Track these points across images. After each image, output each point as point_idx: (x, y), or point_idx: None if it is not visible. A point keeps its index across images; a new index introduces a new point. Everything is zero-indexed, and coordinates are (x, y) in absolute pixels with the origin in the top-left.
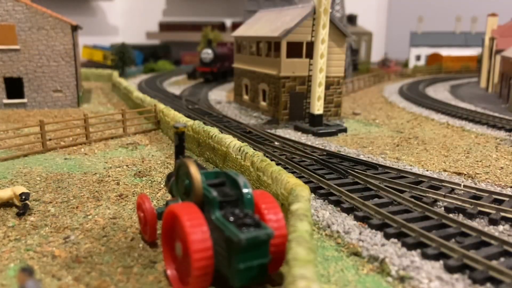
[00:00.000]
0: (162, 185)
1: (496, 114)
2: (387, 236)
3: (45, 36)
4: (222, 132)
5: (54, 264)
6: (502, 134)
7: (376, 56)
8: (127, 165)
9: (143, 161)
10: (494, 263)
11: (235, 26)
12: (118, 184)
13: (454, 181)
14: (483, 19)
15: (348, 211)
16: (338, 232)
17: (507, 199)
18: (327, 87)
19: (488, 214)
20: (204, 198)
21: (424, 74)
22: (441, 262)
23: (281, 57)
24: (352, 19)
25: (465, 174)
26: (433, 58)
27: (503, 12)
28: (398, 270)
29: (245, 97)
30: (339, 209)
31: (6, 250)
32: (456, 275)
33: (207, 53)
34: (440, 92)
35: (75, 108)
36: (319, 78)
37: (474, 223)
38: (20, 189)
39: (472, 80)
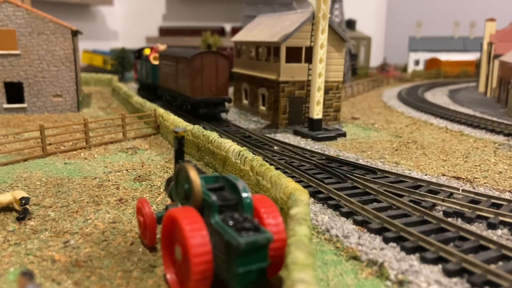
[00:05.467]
0: (161, 190)
1: (495, 119)
2: (386, 240)
3: (45, 41)
4: (221, 137)
5: (54, 269)
6: (500, 138)
7: (375, 61)
8: (126, 170)
9: (142, 166)
10: (492, 267)
11: (235, 31)
12: (117, 188)
13: (452, 185)
14: (481, 24)
15: (347, 215)
16: (337, 236)
17: (505, 203)
18: (326, 91)
19: (486, 218)
20: (204, 202)
21: (423, 78)
22: (440, 266)
23: (281, 61)
24: (351, 24)
25: (463, 179)
26: (432, 63)
27: (501, 17)
28: (397, 274)
29: (245, 101)
30: (338, 213)
31: (6, 254)
32: (454, 279)
33: None
34: (438, 96)
35: (75, 112)
36: (318, 83)
37: (473, 227)
38: (20, 194)
39: (471, 85)
